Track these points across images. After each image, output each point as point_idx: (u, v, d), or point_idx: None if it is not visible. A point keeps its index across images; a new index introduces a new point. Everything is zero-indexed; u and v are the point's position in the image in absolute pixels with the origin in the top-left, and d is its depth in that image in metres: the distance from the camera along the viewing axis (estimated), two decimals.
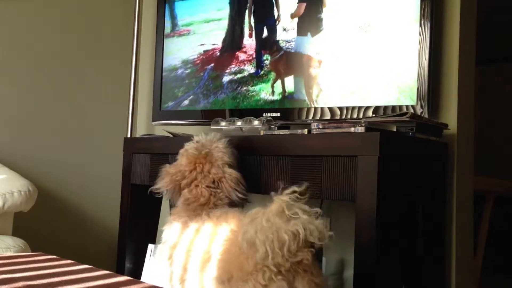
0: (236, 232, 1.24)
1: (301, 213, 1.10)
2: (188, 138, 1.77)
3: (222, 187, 1.53)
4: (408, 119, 1.57)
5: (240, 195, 1.54)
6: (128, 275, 1.76)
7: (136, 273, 2.20)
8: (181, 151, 1.63)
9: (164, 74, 2.45)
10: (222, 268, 1.23)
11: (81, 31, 2.73)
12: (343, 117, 1.85)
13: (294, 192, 1.14)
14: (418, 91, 1.72)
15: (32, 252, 1.88)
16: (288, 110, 2.01)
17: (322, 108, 1.91)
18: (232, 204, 1.54)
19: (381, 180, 1.44)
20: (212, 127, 2.04)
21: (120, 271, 2.23)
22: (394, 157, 1.53)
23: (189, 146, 1.62)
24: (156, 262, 1.57)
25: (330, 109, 1.89)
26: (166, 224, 1.55)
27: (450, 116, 1.83)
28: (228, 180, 1.54)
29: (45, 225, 2.55)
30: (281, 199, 1.12)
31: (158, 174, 1.65)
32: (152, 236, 2.29)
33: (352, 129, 1.56)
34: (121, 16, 2.87)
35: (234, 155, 1.63)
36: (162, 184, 1.61)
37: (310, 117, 1.93)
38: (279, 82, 2.07)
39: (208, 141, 1.61)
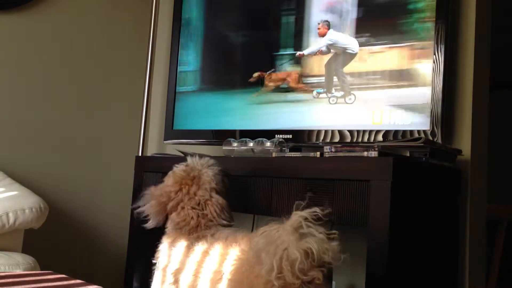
0: (247, 252, 1.22)
1: (316, 233, 1.08)
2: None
3: (207, 210, 1.49)
4: (422, 144, 1.55)
5: (224, 222, 1.49)
6: None
7: None
8: (169, 172, 1.60)
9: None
10: None
11: (94, 47, 2.75)
12: (354, 140, 1.83)
13: (314, 212, 1.11)
14: (432, 116, 1.71)
15: (41, 269, 1.88)
16: (300, 132, 2.00)
17: (332, 131, 1.90)
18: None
19: (394, 205, 1.43)
20: (224, 147, 2.03)
21: None
22: (407, 183, 1.51)
23: (177, 168, 1.59)
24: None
25: (340, 132, 1.88)
26: (162, 249, 1.52)
27: (464, 142, 1.81)
28: (214, 205, 1.50)
29: (55, 242, 2.55)
30: (300, 215, 1.10)
31: (142, 194, 1.60)
32: None
33: (365, 153, 1.55)
34: (135, 32, 2.89)
35: (224, 183, 1.58)
36: (147, 208, 1.56)
37: (321, 139, 1.92)
38: None
39: (199, 164, 1.57)
